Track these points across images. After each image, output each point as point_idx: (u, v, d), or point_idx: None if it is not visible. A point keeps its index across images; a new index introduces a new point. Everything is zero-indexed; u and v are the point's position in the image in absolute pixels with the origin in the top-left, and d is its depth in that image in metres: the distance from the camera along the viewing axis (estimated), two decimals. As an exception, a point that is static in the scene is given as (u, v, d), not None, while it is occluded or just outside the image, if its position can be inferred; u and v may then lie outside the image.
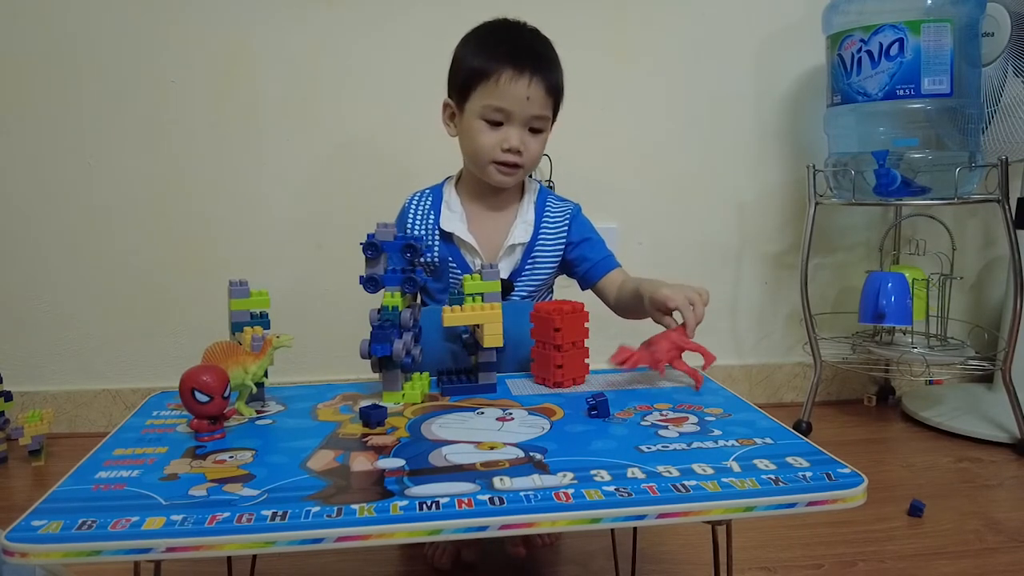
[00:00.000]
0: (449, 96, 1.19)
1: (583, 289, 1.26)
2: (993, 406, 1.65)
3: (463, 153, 1.20)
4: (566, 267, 1.24)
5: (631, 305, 1.12)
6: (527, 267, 1.19)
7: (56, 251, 1.69)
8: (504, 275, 1.18)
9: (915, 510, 1.26)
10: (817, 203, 1.65)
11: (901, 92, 1.49)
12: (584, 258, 1.22)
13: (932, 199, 1.53)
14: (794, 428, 1.64)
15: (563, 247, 1.22)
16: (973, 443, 1.58)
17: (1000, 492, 1.39)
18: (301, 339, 1.06)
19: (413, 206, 1.22)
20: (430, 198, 1.22)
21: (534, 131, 1.14)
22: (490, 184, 1.17)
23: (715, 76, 1.80)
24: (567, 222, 1.22)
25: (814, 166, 1.65)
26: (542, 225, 1.20)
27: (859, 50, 1.52)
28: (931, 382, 1.85)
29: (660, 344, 0.98)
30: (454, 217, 1.19)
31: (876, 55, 1.50)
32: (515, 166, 1.14)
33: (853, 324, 1.75)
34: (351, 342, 1.66)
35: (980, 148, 1.56)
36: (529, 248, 1.19)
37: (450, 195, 1.22)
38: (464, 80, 1.14)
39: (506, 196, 1.22)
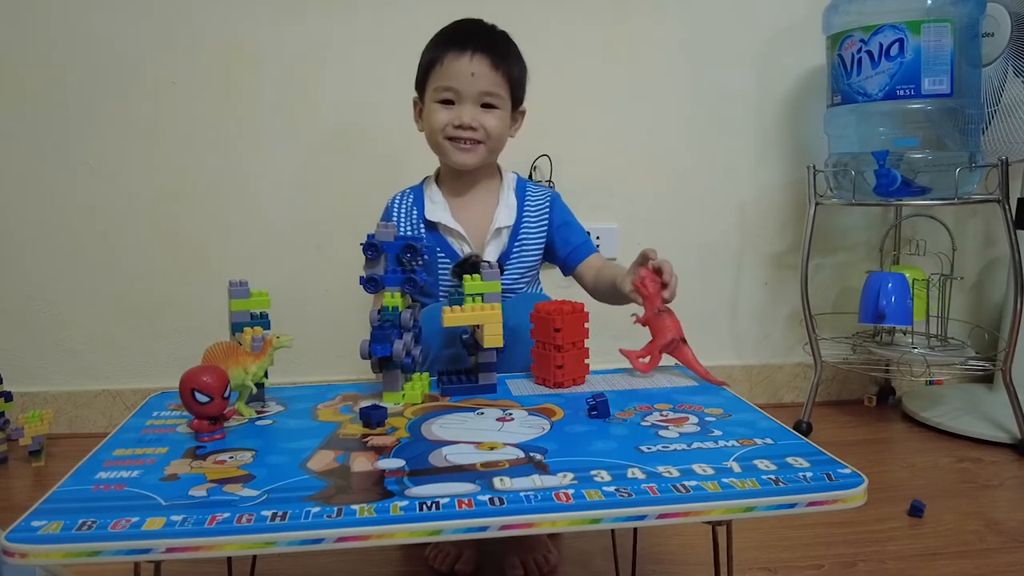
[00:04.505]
0: (416, 94, 1.25)
1: (565, 274, 1.30)
2: (993, 406, 1.65)
3: (428, 142, 1.23)
4: (548, 251, 1.28)
5: (608, 292, 1.16)
6: (515, 250, 1.23)
7: (56, 251, 1.68)
8: (493, 258, 1.21)
9: (915, 510, 1.26)
10: (817, 203, 1.65)
11: (901, 92, 1.49)
12: (566, 241, 1.27)
13: (932, 199, 1.53)
14: (794, 428, 1.63)
15: (546, 229, 1.26)
16: (973, 443, 1.58)
17: (1000, 492, 1.38)
18: (301, 339, 1.06)
19: (396, 204, 1.26)
20: (411, 195, 1.26)
21: (488, 107, 1.17)
22: (461, 171, 1.21)
23: (715, 76, 1.79)
24: (548, 205, 1.27)
25: (814, 166, 1.65)
26: (524, 208, 1.24)
27: (859, 50, 1.52)
28: (931, 382, 1.85)
29: (661, 332, 0.99)
30: (437, 208, 1.22)
31: (876, 55, 1.50)
32: (473, 142, 1.17)
33: (853, 324, 1.75)
34: (351, 342, 1.66)
35: (980, 148, 1.56)
36: (515, 231, 1.23)
37: (431, 190, 1.26)
38: (421, 72, 1.22)
39: (485, 184, 1.26)
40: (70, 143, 1.66)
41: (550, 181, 1.71)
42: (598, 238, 1.79)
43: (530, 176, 1.71)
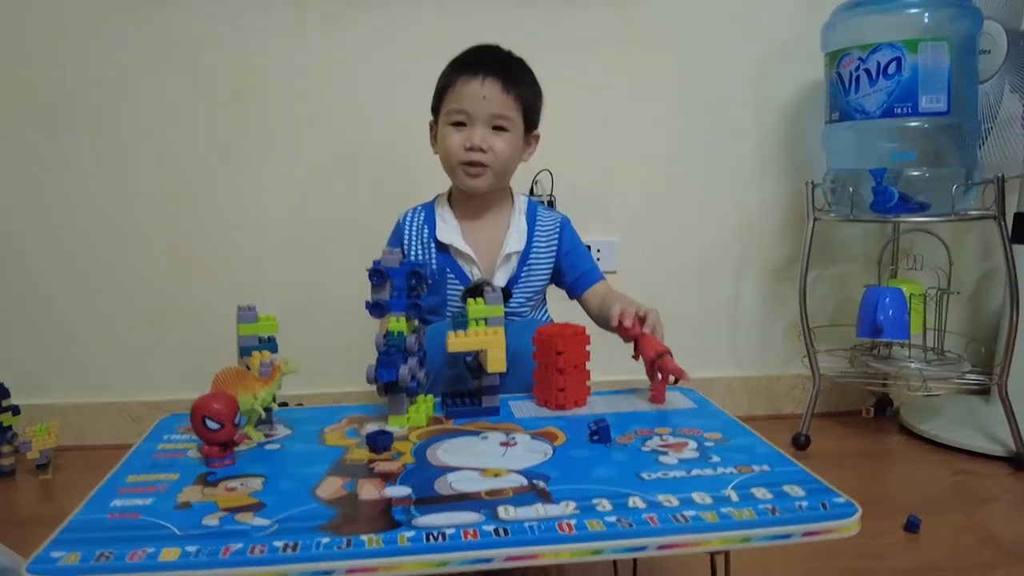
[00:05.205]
0: (432, 117, 1.27)
1: (570, 298, 1.32)
2: (989, 419, 1.66)
3: (442, 165, 1.25)
4: (555, 275, 1.30)
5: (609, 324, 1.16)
6: (523, 275, 1.25)
7: (61, 263, 1.70)
8: (501, 283, 1.23)
9: (911, 525, 1.27)
10: (816, 219, 1.66)
11: (899, 110, 1.51)
12: (573, 267, 1.29)
13: (929, 216, 1.55)
14: (793, 441, 1.67)
15: (555, 255, 1.27)
16: (970, 456, 1.59)
17: (996, 506, 1.40)
18: (305, 349, 1.09)
19: (407, 222, 1.27)
20: (423, 213, 1.28)
21: (498, 129, 1.19)
22: (473, 194, 1.23)
23: (716, 91, 1.81)
24: (558, 231, 1.28)
25: (812, 182, 1.67)
26: (535, 234, 1.26)
27: (857, 68, 1.54)
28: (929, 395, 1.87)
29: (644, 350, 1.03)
30: (449, 229, 1.24)
31: (874, 73, 1.52)
32: (481, 165, 1.19)
33: (852, 336, 1.76)
34: (354, 352, 1.68)
35: (977, 164, 1.58)
36: (524, 256, 1.25)
37: (443, 209, 1.27)
38: (436, 96, 1.24)
39: (496, 207, 1.27)
40: (76, 154, 1.67)
41: (551, 195, 1.73)
42: (599, 251, 1.81)
43: (531, 191, 1.73)
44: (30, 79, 1.64)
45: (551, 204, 1.71)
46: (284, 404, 1.01)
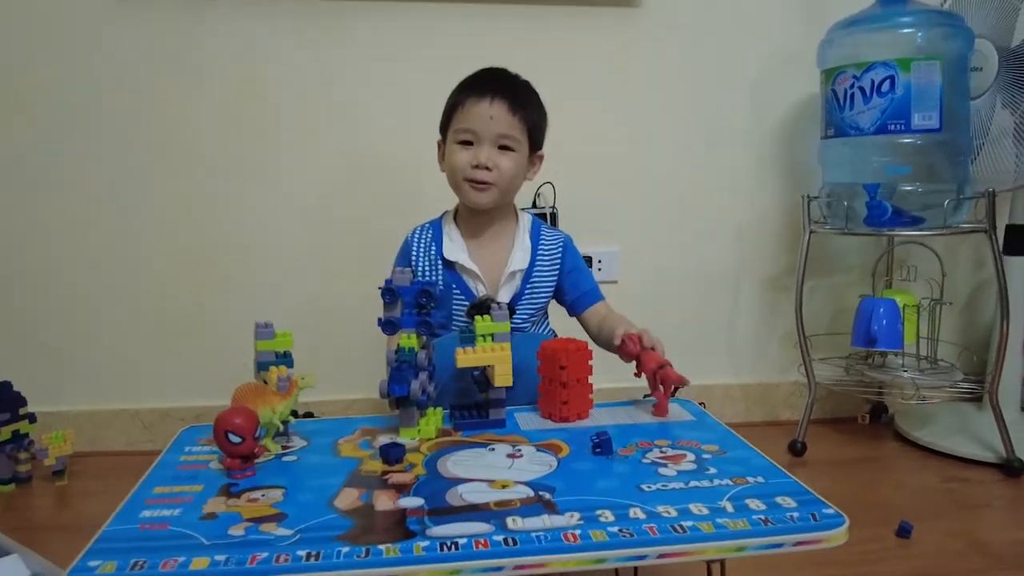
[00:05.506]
0: (440, 136, 1.31)
1: (570, 315, 1.36)
2: (982, 425, 1.70)
3: (448, 182, 1.29)
4: (557, 292, 1.34)
5: (609, 342, 1.20)
6: (527, 292, 1.29)
7: (72, 273, 1.75)
8: (505, 299, 1.27)
9: (903, 531, 1.31)
10: (812, 231, 1.70)
11: (892, 127, 1.55)
12: (575, 286, 1.32)
13: (923, 229, 1.59)
14: (789, 448, 1.71)
15: (557, 273, 1.31)
16: (962, 463, 1.63)
17: (987, 513, 1.44)
18: (313, 356, 1.13)
19: (415, 239, 1.31)
20: (430, 231, 1.32)
21: (504, 149, 1.24)
22: (478, 211, 1.27)
23: (714, 105, 1.86)
24: (560, 250, 1.32)
25: (808, 196, 1.71)
26: (538, 252, 1.30)
27: (852, 86, 1.58)
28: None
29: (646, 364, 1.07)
30: (455, 247, 1.28)
31: (868, 91, 1.56)
32: (486, 183, 1.23)
33: (847, 345, 1.80)
34: (362, 359, 1.71)
35: (969, 178, 1.62)
36: (528, 274, 1.29)
37: (449, 227, 1.31)
38: (445, 116, 1.28)
39: (501, 226, 1.31)
40: (91, 165, 1.71)
41: (554, 207, 1.77)
42: (600, 261, 1.85)
43: (534, 203, 1.78)
44: (45, 92, 1.69)
45: (553, 216, 1.75)
46: (294, 413, 1.05)
